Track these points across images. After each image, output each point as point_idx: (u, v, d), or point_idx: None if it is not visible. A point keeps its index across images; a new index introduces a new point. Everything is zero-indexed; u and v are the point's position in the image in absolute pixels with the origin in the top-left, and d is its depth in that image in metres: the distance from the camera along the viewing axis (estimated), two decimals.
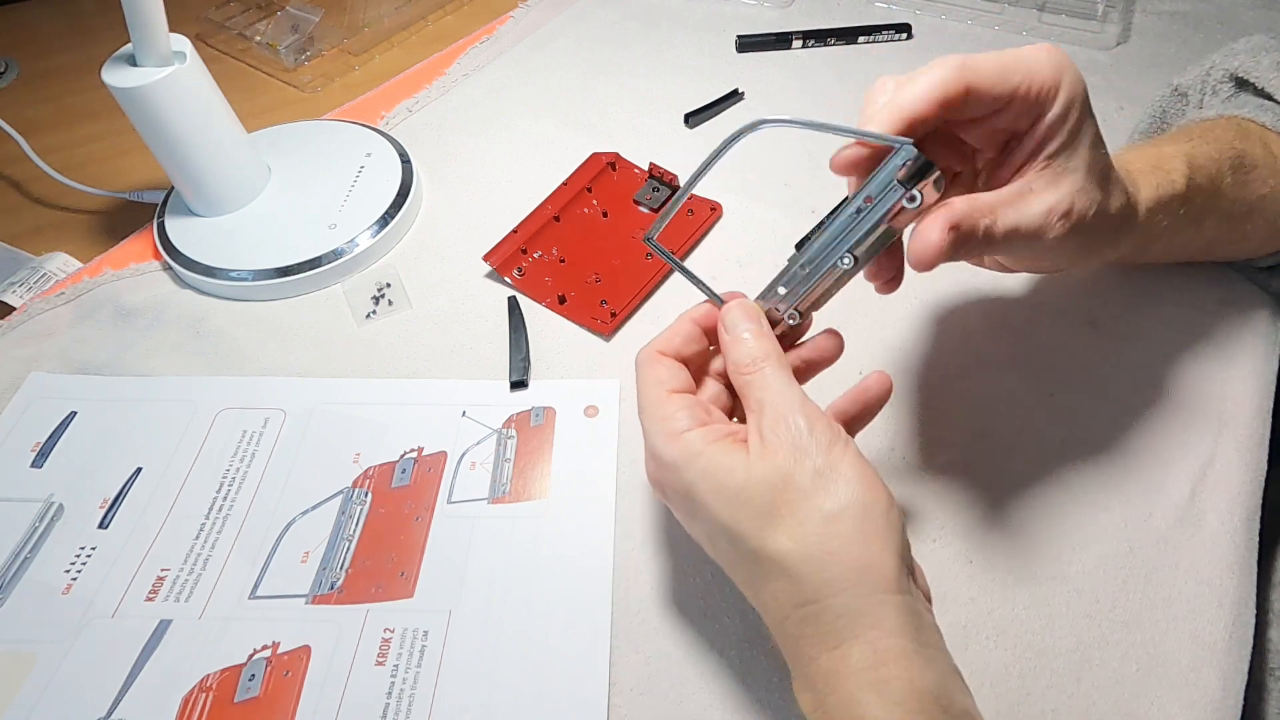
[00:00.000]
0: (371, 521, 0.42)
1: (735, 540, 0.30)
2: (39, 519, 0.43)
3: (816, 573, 0.28)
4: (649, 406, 0.33)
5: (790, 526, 0.29)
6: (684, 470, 0.31)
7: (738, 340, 0.33)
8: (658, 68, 0.69)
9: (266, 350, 0.50)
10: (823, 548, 0.28)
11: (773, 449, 0.30)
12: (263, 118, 0.64)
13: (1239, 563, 0.39)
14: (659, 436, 0.32)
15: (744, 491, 0.29)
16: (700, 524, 0.32)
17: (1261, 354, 0.47)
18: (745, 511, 0.29)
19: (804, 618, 0.29)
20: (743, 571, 0.31)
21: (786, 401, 0.31)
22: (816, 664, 0.28)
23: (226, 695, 0.37)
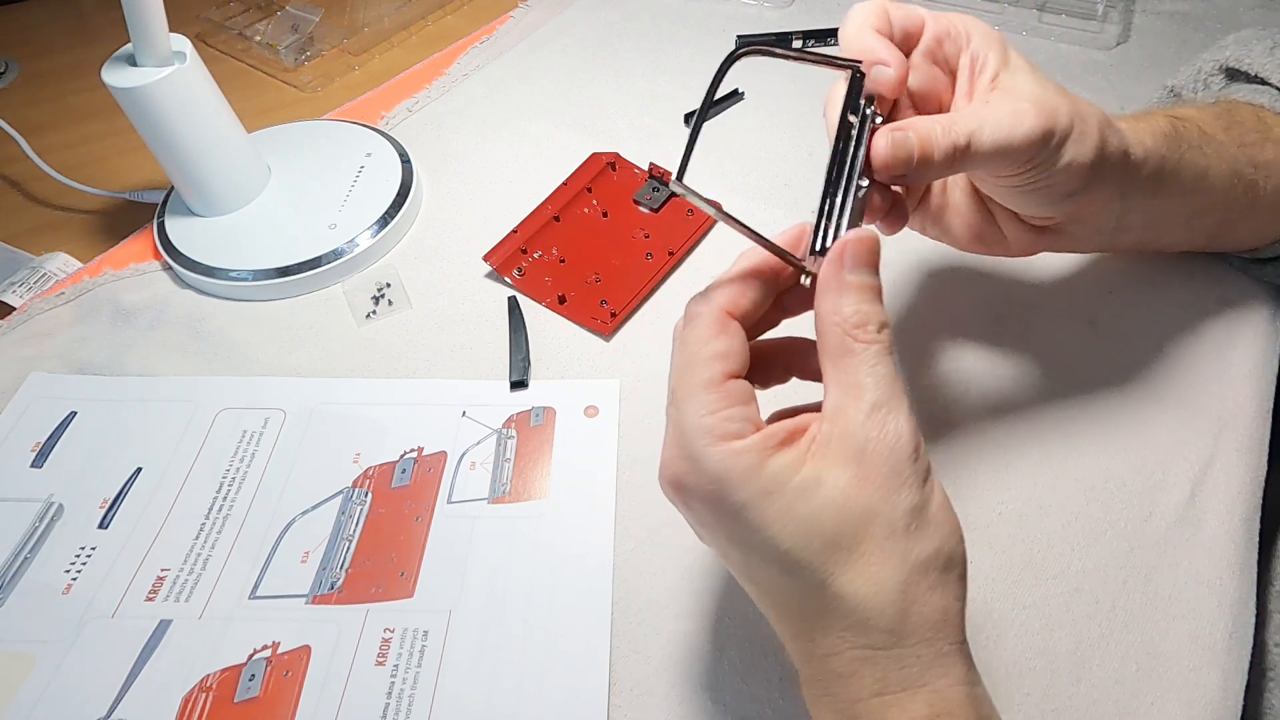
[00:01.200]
0: (371, 521, 0.42)
1: (794, 572, 0.26)
2: (39, 519, 0.43)
3: (893, 622, 0.26)
4: (696, 394, 0.27)
5: (870, 568, 0.25)
6: (736, 488, 0.26)
7: (858, 289, 0.27)
8: (658, 68, 0.69)
9: (266, 350, 0.50)
10: (905, 597, 0.26)
11: (863, 475, 0.25)
12: (263, 118, 0.64)
13: (1239, 563, 0.39)
14: (703, 438, 0.26)
15: (819, 520, 0.25)
16: (741, 549, 0.27)
17: (1261, 354, 0.47)
18: (816, 543, 0.25)
19: (864, 659, 0.26)
20: (792, 605, 0.27)
21: (892, 405, 0.26)
22: (865, 704, 0.26)
23: (226, 695, 0.37)
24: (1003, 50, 0.35)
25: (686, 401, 0.27)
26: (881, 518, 0.26)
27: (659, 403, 0.46)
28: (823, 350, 0.28)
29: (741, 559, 0.28)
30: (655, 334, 0.50)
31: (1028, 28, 0.70)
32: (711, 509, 0.27)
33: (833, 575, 0.26)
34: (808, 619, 0.27)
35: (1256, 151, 0.42)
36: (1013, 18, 0.71)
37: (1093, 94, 0.63)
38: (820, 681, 0.28)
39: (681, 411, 0.27)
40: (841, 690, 0.27)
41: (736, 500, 0.26)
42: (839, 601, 0.26)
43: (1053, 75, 0.36)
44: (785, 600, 0.28)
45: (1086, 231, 0.40)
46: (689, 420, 0.27)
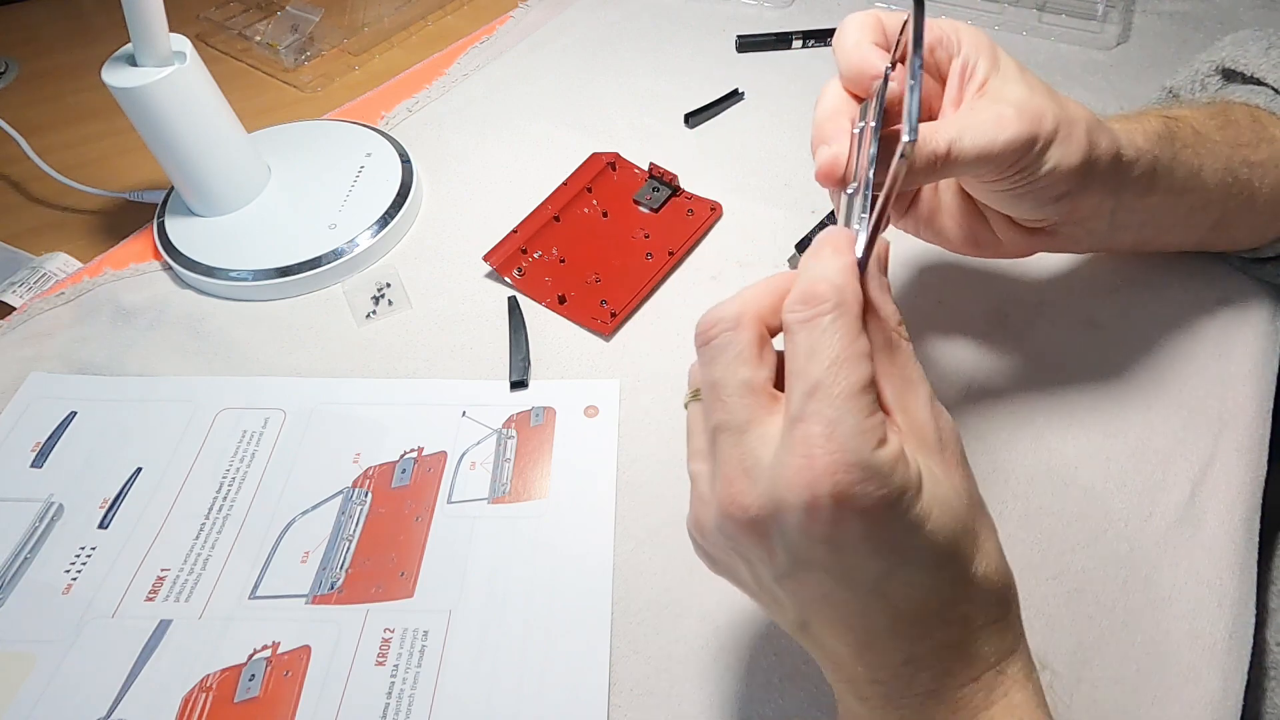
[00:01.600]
0: (371, 521, 0.42)
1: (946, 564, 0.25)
2: (39, 519, 0.43)
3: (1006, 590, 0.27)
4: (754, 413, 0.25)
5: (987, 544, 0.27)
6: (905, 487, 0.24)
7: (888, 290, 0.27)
8: (658, 68, 0.69)
9: (266, 350, 0.50)
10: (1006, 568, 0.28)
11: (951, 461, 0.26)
12: (263, 118, 0.64)
13: (1239, 563, 0.39)
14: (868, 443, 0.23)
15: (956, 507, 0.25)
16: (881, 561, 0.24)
17: (1261, 354, 0.47)
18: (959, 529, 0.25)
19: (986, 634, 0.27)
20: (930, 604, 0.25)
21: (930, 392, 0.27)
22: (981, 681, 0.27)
23: (226, 695, 0.37)
24: (992, 55, 0.35)
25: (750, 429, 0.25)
26: (976, 500, 0.27)
27: (659, 402, 0.46)
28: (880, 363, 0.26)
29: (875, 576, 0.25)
30: (655, 334, 0.50)
31: (1028, 28, 0.70)
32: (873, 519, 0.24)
33: (973, 559, 0.26)
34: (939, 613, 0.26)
35: (1251, 151, 0.42)
36: (1013, 18, 0.71)
37: (1093, 94, 0.63)
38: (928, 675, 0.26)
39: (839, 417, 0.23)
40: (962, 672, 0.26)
41: (907, 500, 0.24)
42: (978, 584, 0.26)
43: (1053, 75, 0.36)
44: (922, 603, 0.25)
45: (1081, 232, 0.40)
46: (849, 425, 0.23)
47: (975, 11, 0.71)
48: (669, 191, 0.57)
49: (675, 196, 0.57)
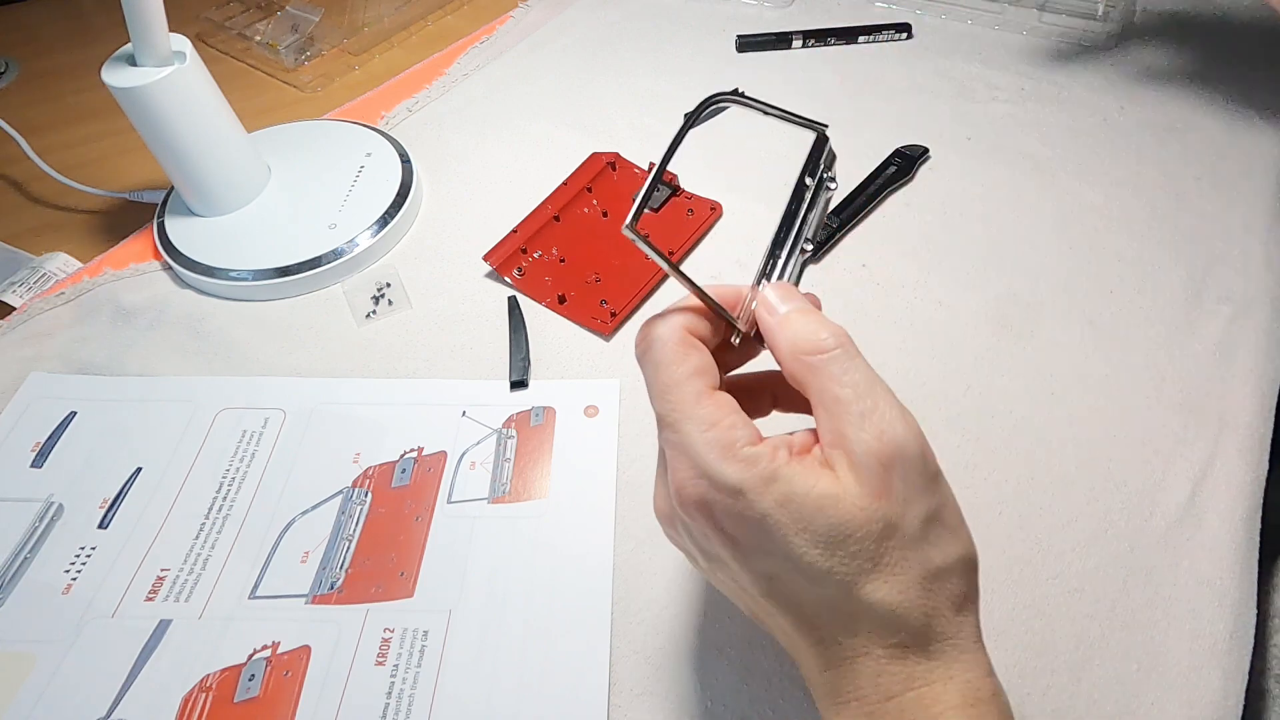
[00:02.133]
0: (371, 521, 0.42)
1: (819, 579, 0.26)
2: (39, 519, 0.43)
3: (919, 625, 0.26)
4: (692, 409, 0.27)
5: (893, 577, 0.26)
6: (756, 497, 0.25)
7: (794, 315, 0.28)
8: (658, 68, 0.69)
9: (266, 350, 0.50)
10: (929, 601, 0.26)
11: (876, 489, 0.25)
12: (263, 118, 0.64)
13: (1239, 563, 0.39)
14: (712, 451, 0.26)
15: (842, 531, 0.25)
16: (763, 560, 0.27)
17: (1261, 354, 0.47)
18: (840, 553, 0.25)
19: (895, 656, 0.26)
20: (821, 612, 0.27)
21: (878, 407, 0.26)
22: (899, 700, 0.26)
23: (226, 695, 0.37)
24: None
25: (684, 421, 0.27)
26: (899, 529, 0.26)
27: None
28: (795, 382, 0.28)
29: (765, 571, 0.27)
30: None
31: (1028, 28, 0.70)
32: (734, 526, 0.26)
33: (858, 585, 0.26)
34: (836, 624, 0.27)
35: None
36: (1013, 18, 0.71)
37: (1093, 94, 0.63)
38: (848, 685, 0.27)
39: (682, 433, 0.27)
40: (873, 689, 0.27)
41: (758, 510, 0.25)
42: (867, 607, 0.26)
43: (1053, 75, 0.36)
44: (812, 608, 0.27)
45: None
46: (694, 439, 0.26)
47: (975, 11, 0.71)
48: (669, 191, 0.57)
49: (675, 196, 0.57)
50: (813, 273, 0.53)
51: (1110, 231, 0.54)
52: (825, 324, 0.28)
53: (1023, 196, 0.56)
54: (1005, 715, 0.27)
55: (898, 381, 0.30)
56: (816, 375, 0.27)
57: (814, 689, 0.29)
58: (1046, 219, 0.55)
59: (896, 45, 0.70)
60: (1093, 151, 0.59)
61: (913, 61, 0.68)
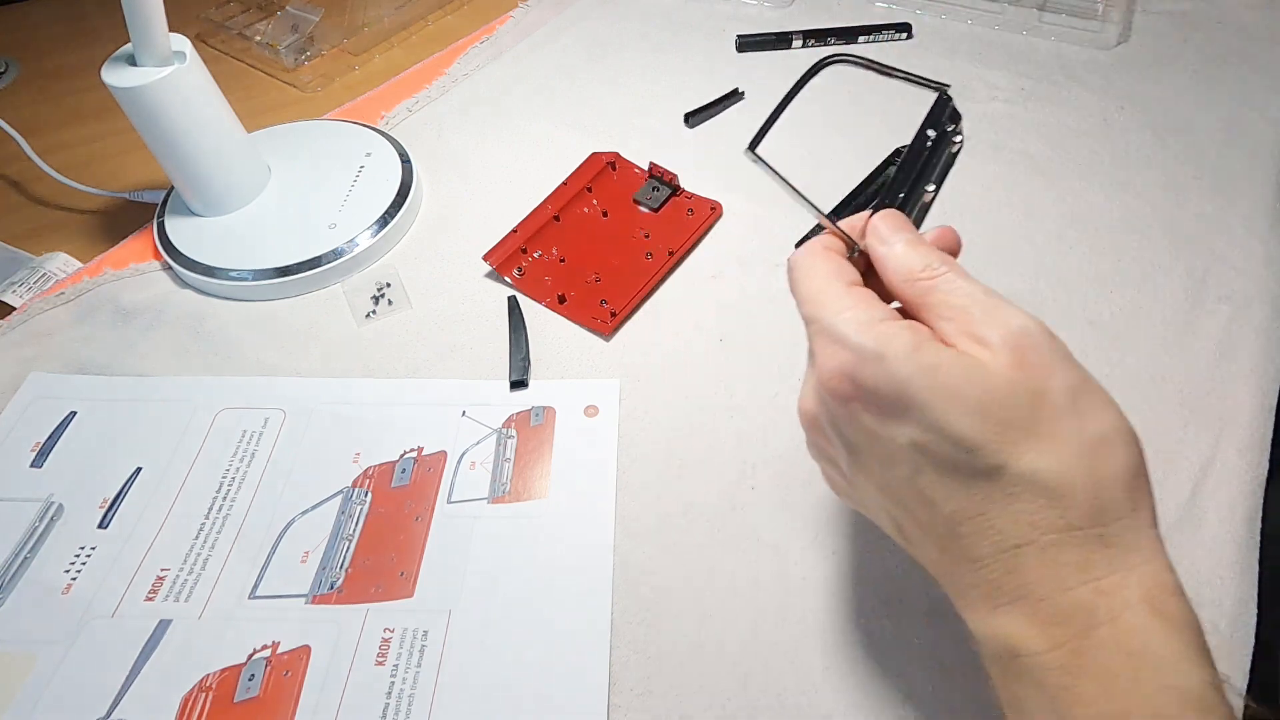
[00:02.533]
0: (371, 521, 0.42)
1: (970, 451, 0.25)
2: (39, 519, 0.43)
3: (1089, 498, 0.24)
4: (830, 297, 0.28)
5: (1052, 445, 0.25)
6: (897, 362, 0.25)
7: (907, 246, 0.29)
8: (658, 68, 0.69)
9: (266, 350, 0.50)
10: (1095, 472, 0.25)
11: (1016, 357, 0.25)
12: (263, 118, 0.64)
13: (1239, 563, 0.39)
14: (853, 325, 0.26)
15: (990, 398, 0.25)
16: (910, 430, 0.26)
17: (1261, 354, 0.47)
18: (990, 422, 0.25)
19: (1063, 542, 0.25)
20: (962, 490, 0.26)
21: (1000, 304, 0.26)
22: (1073, 594, 0.24)
23: (226, 695, 0.37)
24: None
25: (826, 310, 0.28)
26: (1048, 396, 0.25)
27: (659, 402, 0.46)
28: (911, 306, 0.28)
29: (906, 447, 0.26)
30: (655, 334, 0.50)
31: (1028, 27, 0.70)
32: (876, 393, 0.26)
33: (1013, 456, 0.25)
34: (993, 506, 0.25)
35: None
36: (1013, 18, 0.71)
37: (1093, 94, 0.63)
38: (1011, 581, 0.25)
39: (825, 321, 0.27)
40: (1041, 582, 0.25)
41: (899, 376, 0.25)
42: (1027, 483, 0.25)
43: (1053, 75, 0.36)
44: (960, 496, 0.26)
45: None
46: (836, 320, 0.27)
47: (976, 11, 0.71)
48: (669, 191, 0.57)
49: (675, 196, 0.57)
50: None
51: (1110, 231, 0.54)
52: (931, 252, 0.28)
53: (1022, 196, 0.56)
54: (1191, 615, 0.25)
55: None
56: (931, 294, 0.27)
57: (966, 594, 0.27)
58: (1046, 219, 0.55)
59: (896, 45, 0.70)
60: (1093, 151, 0.59)
61: (913, 61, 0.68)
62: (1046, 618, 0.25)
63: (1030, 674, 0.25)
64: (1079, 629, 0.24)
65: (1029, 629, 0.25)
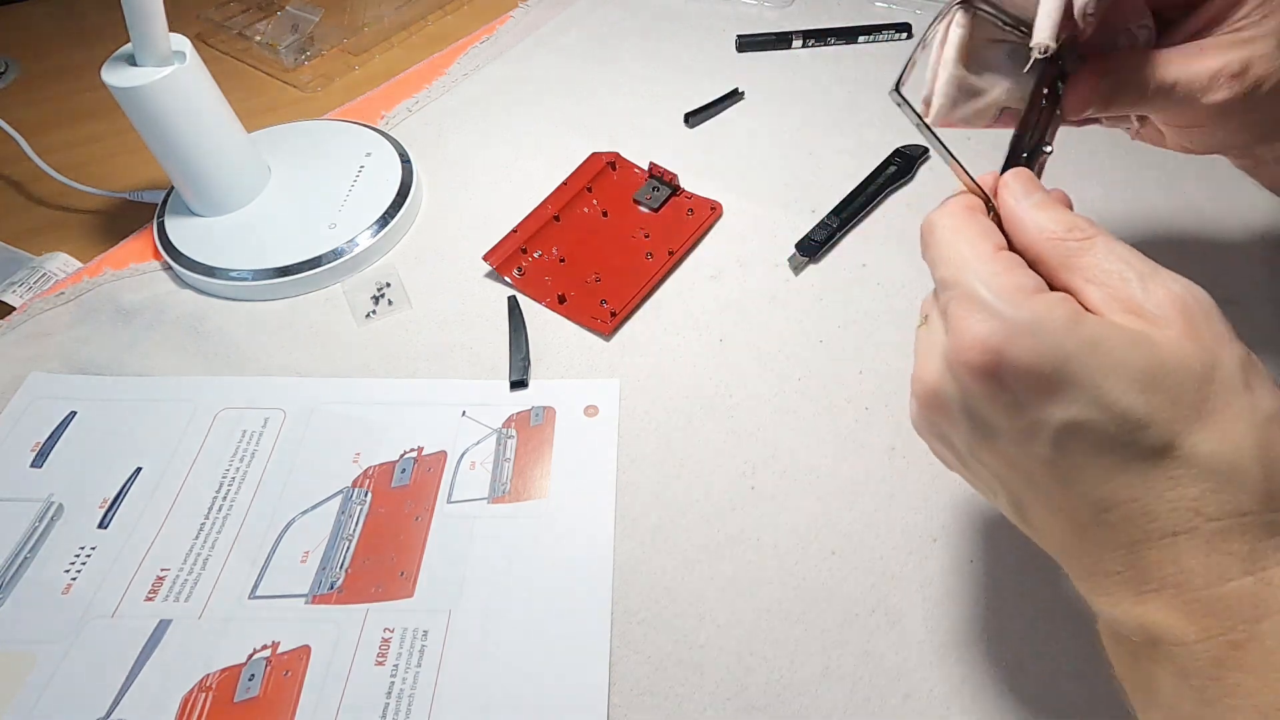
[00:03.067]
0: (371, 521, 0.42)
1: (1132, 427, 0.23)
2: (39, 519, 0.43)
3: (1262, 481, 0.23)
4: (978, 261, 0.25)
5: (1223, 424, 0.23)
6: (1056, 335, 0.23)
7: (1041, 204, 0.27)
8: (658, 68, 0.69)
9: (266, 350, 0.50)
10: (1268, 453, 0.23)
11: (1187, 328, 0.24)
12: (263, 118, 0.64)
13: None
14: (1005, 292, 0.24)
15: (1160, 372, 0.23)
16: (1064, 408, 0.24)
17: (1261, 354, 0.47)
18: (1159, 399, 0.23)
19: (1228, 530, 0.23)
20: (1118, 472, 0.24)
21: (1160, 271, 0.25)
22: (1235, 584, 0.23)
23: (226, 695, 0.37)
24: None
25: (970, 273, 0.25)
26: (1219, 370, 0.23)
27: (659, 402, 0.46)
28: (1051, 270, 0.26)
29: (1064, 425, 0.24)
30: (655, 333, 0.50)
31: None
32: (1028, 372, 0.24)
33: (1181, 434, 0.23)
34: (1153, 490, 0.24)
35: None
36: None
37: None
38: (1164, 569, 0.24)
39: (969, 284, 0.25)
40: (1199, 571, 0.23)
41: (1062, 349, 0.23)
42: (1193, 465, 0.23)
43: None
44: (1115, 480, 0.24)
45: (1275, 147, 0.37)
46: (985, 284, 0.25)
47: None
48: (669, 191, 0.57)
49: (675, 196, 0.57)
50: (812, 273, 0.53)
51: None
52: (1078, 215, 0.27)
53: None
54: None
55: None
56: (1081, 255, 0.26)
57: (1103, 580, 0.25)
58: None
59: (896, 45, 0.70)
60: (1092, 151, 0.59)
61: None
62: (1203, 609, 0.23)
63: (1173, 660, 0.23)
64: (1241, 621, 0.22)
65: (1179, 619, 0.23)
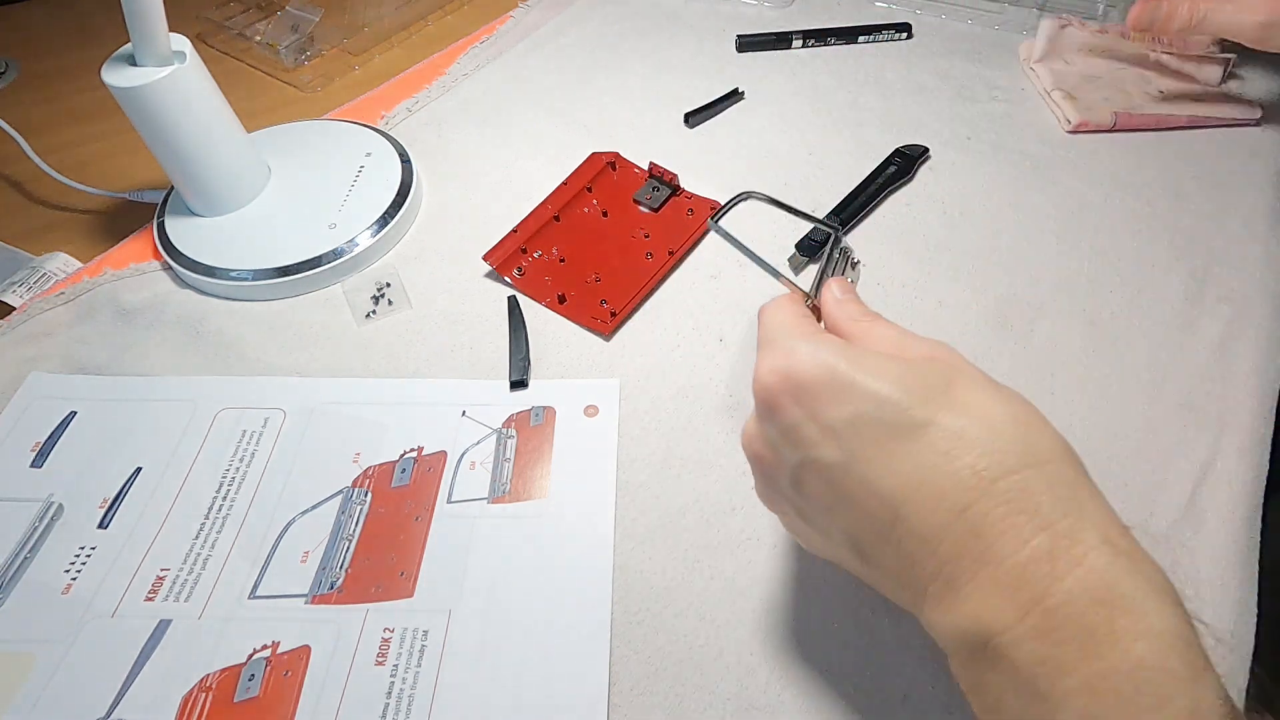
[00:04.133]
0: (371, 521, 0.42)
1: (896, 409, 0.27)
2: (39, 519, 0.43)
3: (1019, 439, 0.25)
4: (790, 324, 0.32)
5: (975, 403, 0.27)
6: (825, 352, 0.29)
7: (850, 299, 0.35)
8: (658, 68, 0.69)
9: (266, 350, 0.50)
10: (1016, 419, 0.26)
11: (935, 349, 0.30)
12: (263, 118, 0.64)
13: (1239, 563, 0.39)
14: (795, 333, 0.31)
15: (909, 371, 0.28)
16: (844, 408, 0.27)
17: (1262, 354, 0.47)
18: (914, 388, 0.27)
19: (1008, 491, 0.24)
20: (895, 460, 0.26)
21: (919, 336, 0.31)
22: (1031, 545, 0.24)
23: (226, 695, 0.37)
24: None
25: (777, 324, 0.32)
26: (963, 373, 0.28)
27: (659, 402, 0.46)
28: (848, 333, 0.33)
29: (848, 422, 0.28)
30: (655, 334, 0.50)
31: (1028, 27, 0.70)
32: (808, 384, 0.29)
33: (939, 411, 0.26)
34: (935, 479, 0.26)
35: None
36: (1013, 17, 0.71)
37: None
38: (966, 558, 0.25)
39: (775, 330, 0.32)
40: (998, 541, 0.24)
41: (828, 360, 0.28)
42: (960, 436, 0.26)
43: None
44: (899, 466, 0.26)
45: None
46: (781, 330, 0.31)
47: (976, 11, 0.71)
48: (669, 191, 0.57)
49: (675, 196, 0.57)
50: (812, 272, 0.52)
51: (1110, 231, 0.54)
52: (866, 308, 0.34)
53: (1023, 196, 0.56)
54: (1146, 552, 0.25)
55: None
56: (868, 332, 0.32)
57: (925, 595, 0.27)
58: (1046, 219, 0.55)
59: (896, 45, 0.70)
60: (1093, 151, 0.59)
61: (913, 61, 0.68)
62: (1011, 580, 0.24)
63: (1005, 659, 0.24)
64: (1045, 584, 0.23)
65: (997, 598, 0.24)
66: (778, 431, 0.30)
